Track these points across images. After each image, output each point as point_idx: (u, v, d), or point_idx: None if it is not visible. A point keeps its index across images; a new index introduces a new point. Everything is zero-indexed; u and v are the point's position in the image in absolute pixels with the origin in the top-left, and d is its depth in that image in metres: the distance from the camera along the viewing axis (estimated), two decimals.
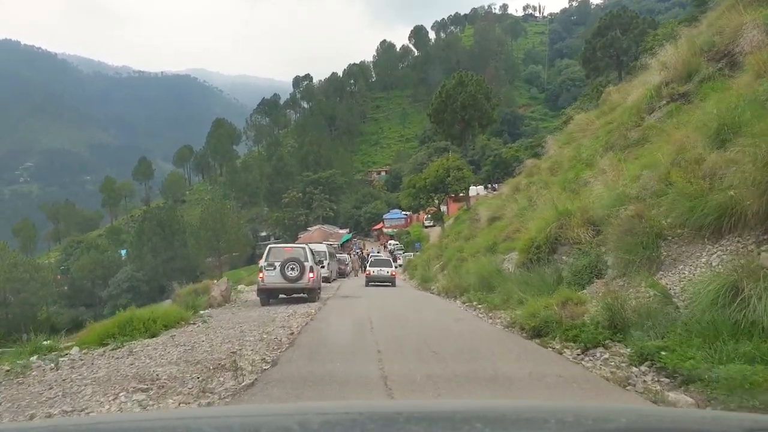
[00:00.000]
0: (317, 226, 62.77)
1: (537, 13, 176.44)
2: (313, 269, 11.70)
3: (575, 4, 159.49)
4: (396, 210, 67.66)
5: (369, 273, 19.91)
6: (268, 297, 11.70)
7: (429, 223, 52.03)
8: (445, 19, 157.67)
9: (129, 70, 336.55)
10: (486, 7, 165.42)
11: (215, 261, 60.07)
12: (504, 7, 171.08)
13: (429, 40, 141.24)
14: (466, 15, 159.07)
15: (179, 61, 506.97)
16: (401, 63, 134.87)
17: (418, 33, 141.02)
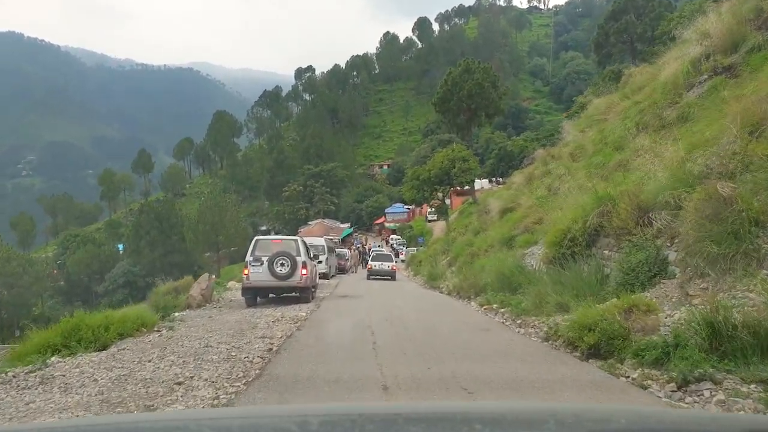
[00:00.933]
0: (318, 220, 61.61)
1: (542, 5, 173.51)
2: (307, 265, 10.19)
3: None
4: (398, 204, 66.35)
5: (371, 267, 21.35)
6: (254, 297, 10.23)
7: (432, 217, 50.61)
8: (449, 11, 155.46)
9: (132, 63, 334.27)
10: None
11: (214, 256, 58.84)
12: None
13: (433, 32, 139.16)
14: (470, 7, 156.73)
15: (182, 55, 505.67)
16: (405, 55, 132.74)
17: (421, 25, 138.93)
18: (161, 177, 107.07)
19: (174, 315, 8.80)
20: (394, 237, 57.04)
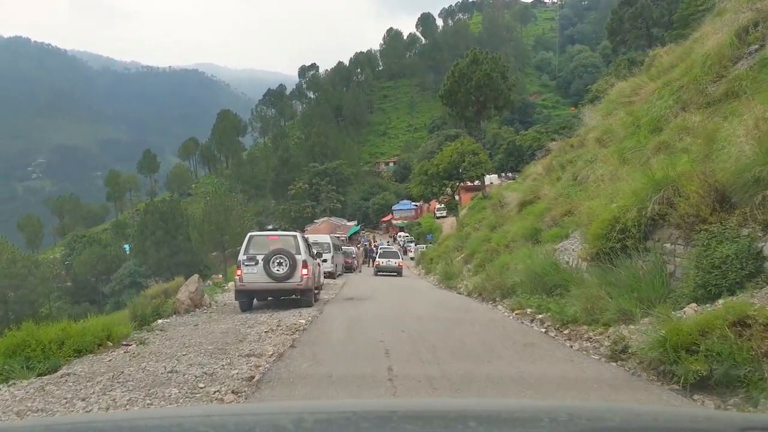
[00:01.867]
0: (324, 218, 60.73)
1: None
2: (308, 264, 8.99)
3: None
4: (405, 201, 65.18)
5: (378, 264, 21.93)
6: (249, 301, 9.08)
7: (441, 214, 49.35)
8: (453, 7, 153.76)
9: (138, 65, 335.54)
10: None
11: (220, 255, 58.14)
12: None
13: (437, 27, 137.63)
14: (474, 2, 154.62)
15: (187, 56, 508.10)
16: (408, 51, 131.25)
17: (425, 20, 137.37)
18: (167, 177, 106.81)
19: (157, 323, 7.69)
20: (401, 234, 55.98)
